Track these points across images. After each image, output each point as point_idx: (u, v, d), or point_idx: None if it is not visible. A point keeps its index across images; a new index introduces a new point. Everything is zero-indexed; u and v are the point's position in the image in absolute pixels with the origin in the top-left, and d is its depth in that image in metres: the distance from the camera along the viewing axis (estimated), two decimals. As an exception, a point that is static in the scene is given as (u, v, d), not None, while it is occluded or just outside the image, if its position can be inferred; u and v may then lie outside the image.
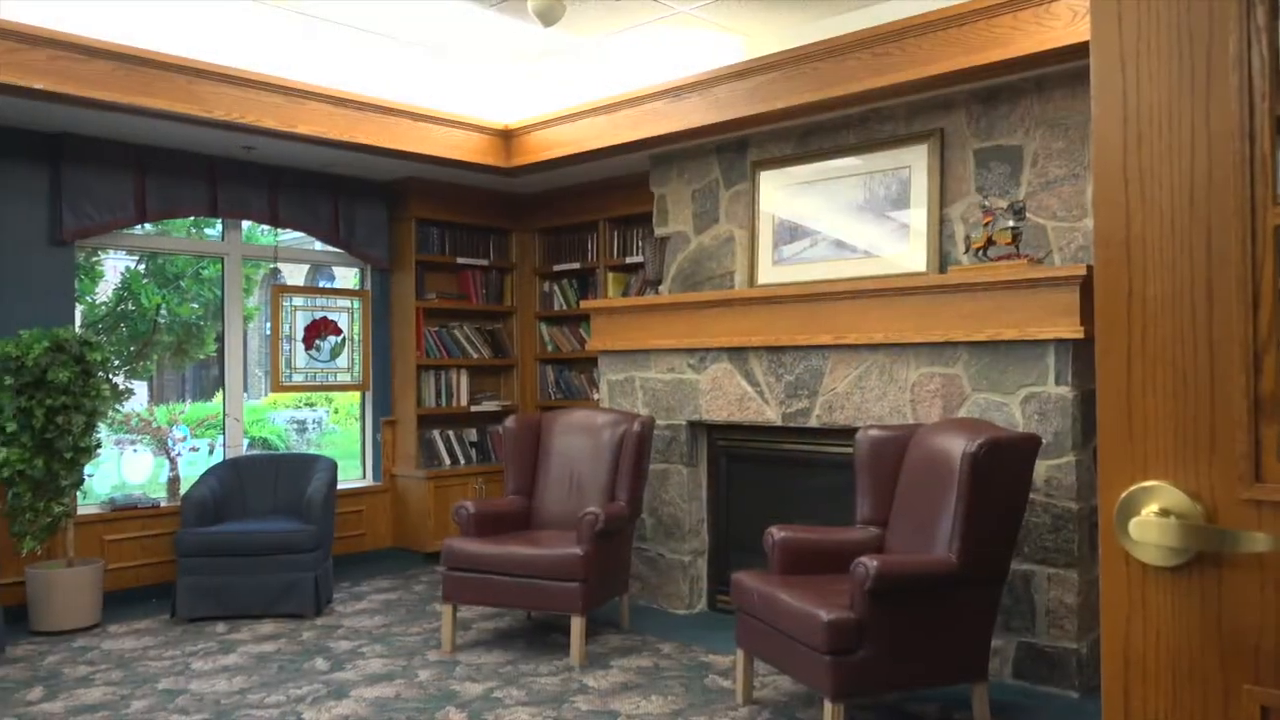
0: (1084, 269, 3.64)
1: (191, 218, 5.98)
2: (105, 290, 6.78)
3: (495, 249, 7.16)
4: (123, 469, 6.93)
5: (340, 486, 5.84)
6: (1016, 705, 3.72)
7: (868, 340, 4.34)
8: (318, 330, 6.31)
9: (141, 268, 6.79)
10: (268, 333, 6.66)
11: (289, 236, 6.53)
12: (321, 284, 8.10)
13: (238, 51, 4.91)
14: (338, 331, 6.40)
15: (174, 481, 5.72)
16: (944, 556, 3.30)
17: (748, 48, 4.93)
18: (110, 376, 4.99)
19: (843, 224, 4.83)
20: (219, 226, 6.15)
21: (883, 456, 3.89)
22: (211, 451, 6.37)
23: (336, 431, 10.07)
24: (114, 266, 6.84)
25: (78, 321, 5.40)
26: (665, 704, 3.76)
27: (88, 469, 5.02)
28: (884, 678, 3.27)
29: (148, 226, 5.77)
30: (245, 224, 6.16)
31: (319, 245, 6.55)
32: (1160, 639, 1.03)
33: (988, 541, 3.31)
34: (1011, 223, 3.99)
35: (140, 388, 7.68)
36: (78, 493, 4.97)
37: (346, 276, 6.89)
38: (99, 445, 4.98)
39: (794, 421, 4.69)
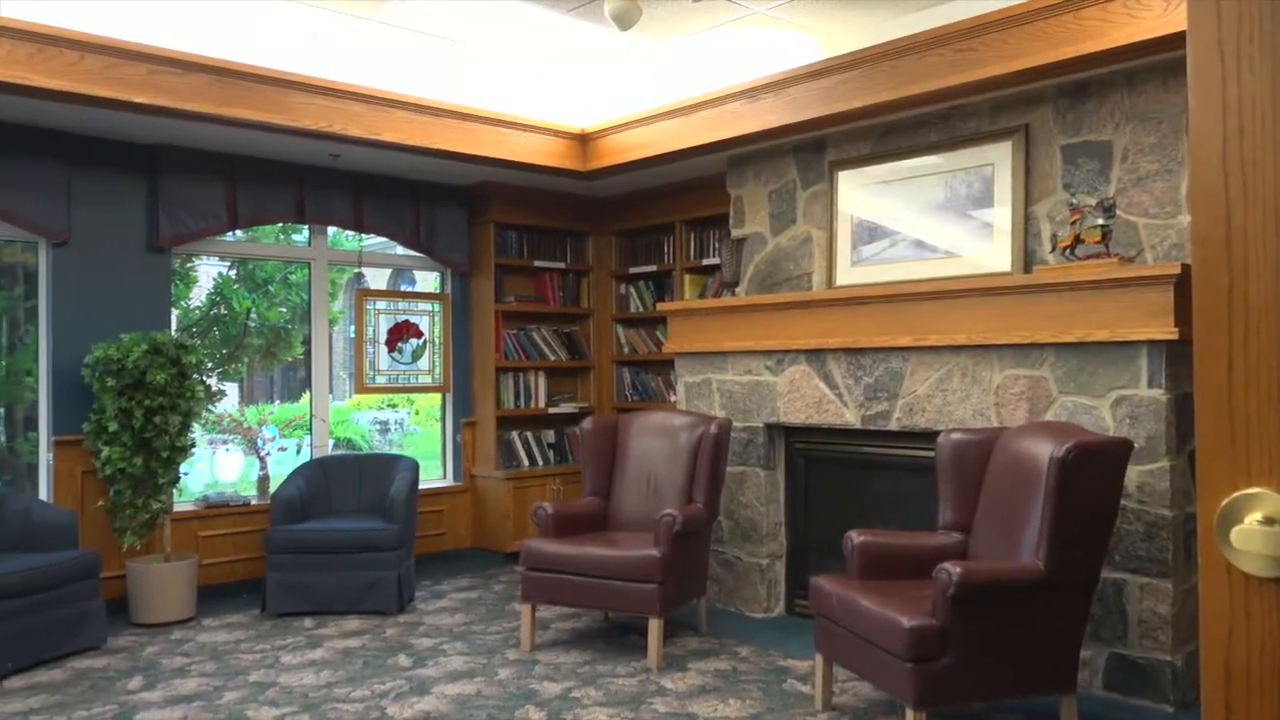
0: (1178, 267, 3.52)
1: (280, 224, 6.16)
2: (199, 295, 7.02)
3: (572, 252, 7.22)
4: (215, 468, 7.17)
5: (421, 486, 5.95)
6: (1107, 718, 3.61)
7: (950, 342, 4.26)
8: (400, 333, 6.45)
9: (233, 273, 7.02)
10: (352, 335, 6.82)
11: (372, 241, 6.68)
12: (403, 288, 8.27)
13: (324, 62, 5.04)
14: (419, 334, 6.53)
15: (263, 480, 5.90)
16: (1031, 563, 3.22)
17: (825, 47, 4.89)
18: (204, 378, 5.18)
19: (923, 224, 4.75)
20: (306, 232, 6.33)
21: (966, 460, 3.81)
22: (299, 451, 6.55)
23: (418, 432, 10.25)
24: (207, 272, 7.09)
25: (173, 325, 5.61)
26: (743, 708, 3.74)
27: (183, 467, 5.20)
28: (967, 687, 3.20)
29: (238, 233, 5.98)
30: (331, 230, 6.33)
31: (400, 250, 6.70)
32: (1265, 652, 0.98)
33: (1076, 549, 3.22)
34: (1101, 220, 3.87)
35: (231, 389, 7.93)
36: (174, 490, 5.16)
37: (427, 280, 7.02)
38: (193, 444, 5.16)
39: (873, 424, 4.62)
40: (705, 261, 6.47)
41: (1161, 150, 4.00)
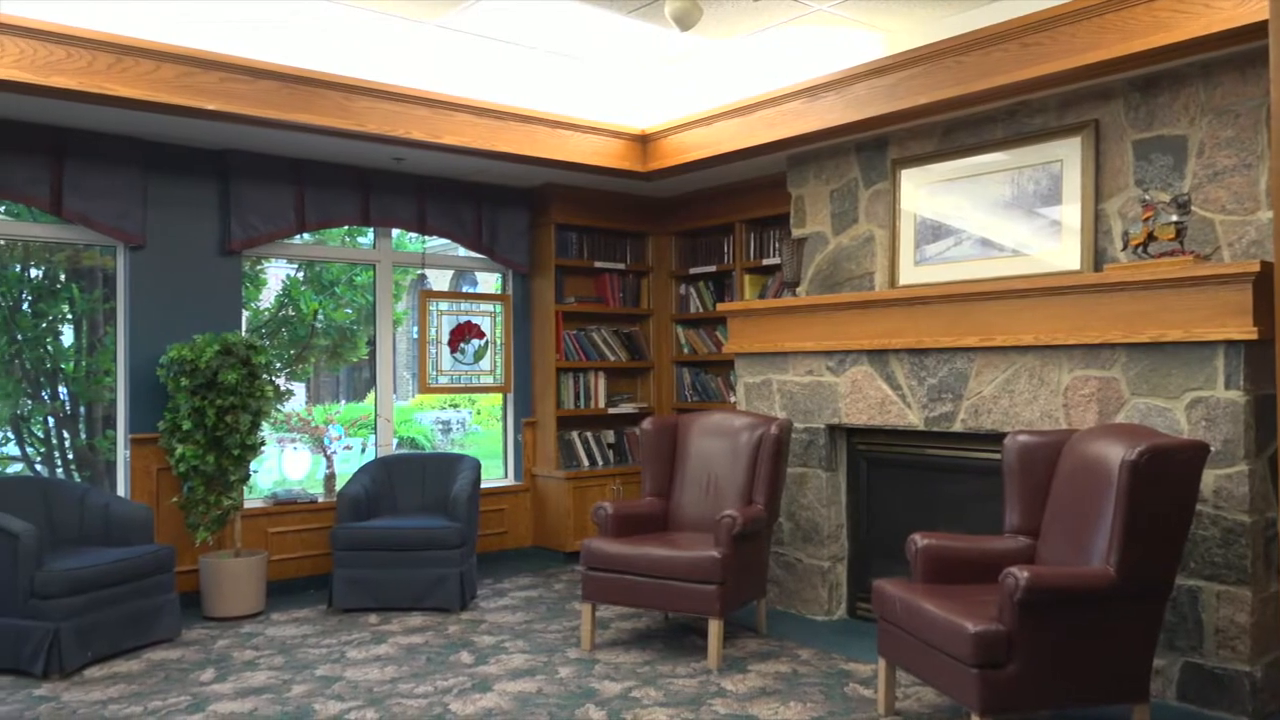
0: (1258, 265, 3.41)
1: (345, 227, 6.28)
2: (268, 297, 7.18)
3: (632, 252, 7.24)
4: (284, 466, 7.33)
5: (483, 486, 6.02)
6: (1182, 729, 3.51)
7: (1016, 342, 4.18)
8: (462, 334, 6.53)
9: (300, 275, 7.17)
10: (415, 336, 6.93)
11: (435, 243, 6.76)
12: (465, 289, 8.37)
13: (388, 67, 5.13)
14: (481, 335, 6.60)
15: (330, 478, 6.02)
16: (1101, 569, 3.14)
17: (888, 44, 4.82)
18: (273, 378, 5.30)
19: (989, 222, 4.67)
20: (371, 235, 6.45)
21: (1033, 463, 3.73)
22: (364, 450, 6.67)
23: (479, 432, 10.36)
24: (275, 274, 7.24)
25: (244, 326, 5.75)
26: (804, 711, 3.71)
27: (253, 465, 5.33)
28: (1035, 694, 3.13)
29: (306, 236, 6.11)
30: (395, 232, 6.43)
31: (462, 251, 6.78)
32: (1354, 665, 0.95)
33: (1149, 554, 3.13)
34: (1175, 217, 3.77)
35: (299, 389, 8.10)
36: (244, 487, 5.29)
37: (489, 281, 7.09)
38: (263, 443, 5.29)
39: (937, 426, 4.55)
40: (765, 261, 6.44)
41: (1239, 144, 3.88)
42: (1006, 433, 3.96)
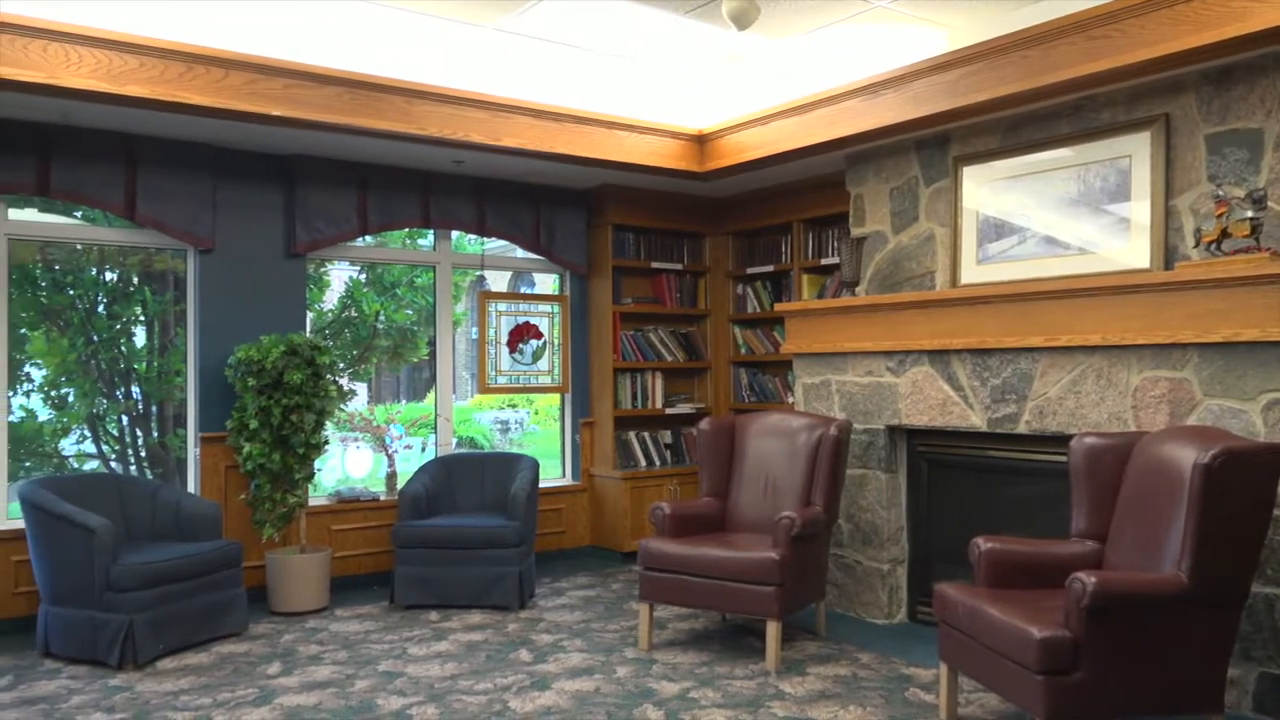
0: (1339, 262, 3.29)
1: (406, 229, 6.37)
2: (331, 298, 7.32)
3: (689, 253, 7.23)
4: (346, 464, 7.46)
5: (541, 485, 6.06)
6: (1258, 741, 3.40)
7: (1083, 342, 4.09)
8: (521, 334, 6.58)
9: (362, 277, 7.30)
10: (474, 337, 7.00)
11: (493, 245, 6.83)
12: (523, 289, 8.44)
13: (447, 71, 5.19)
14: (539, 335, 6.65)
15: (391, 477, 6.11)
16: (1172, 575, 3.06)
17: (950, 41, 4.75)
18: (336, 378, 5.40)
19: (1054, 219, 4.57)
20: (431, 237, 6.53)
21: (1101, 466, 3.65)
22: (424, 449, 6.76)
23: (537, 431, 10.45)
24: (338, 276, 7.38)
25: (308, 328, 5.86)
26: (864, 716, 3.68)
27: (317, 463, 5.43)
28: (1103, 703, 3.06)
29: (368, 238, 6.21)
30: (454, 234, 6.51)
31: (520, 253, 6.83)
32: None
33: (1222, 561, 3.04)
34: (1250, 213, 3.65)
35: (361, 389, 8.24)
36: (309, 485, 5.39)
37: (546, 282, 7.14)
38: (327, 442, 5.39)
39: (1001, 427, 4.47)
40: (824, 261, 6.39)
41: (1319, 137, 3.74)
42: (1072, 435, 3.88)
